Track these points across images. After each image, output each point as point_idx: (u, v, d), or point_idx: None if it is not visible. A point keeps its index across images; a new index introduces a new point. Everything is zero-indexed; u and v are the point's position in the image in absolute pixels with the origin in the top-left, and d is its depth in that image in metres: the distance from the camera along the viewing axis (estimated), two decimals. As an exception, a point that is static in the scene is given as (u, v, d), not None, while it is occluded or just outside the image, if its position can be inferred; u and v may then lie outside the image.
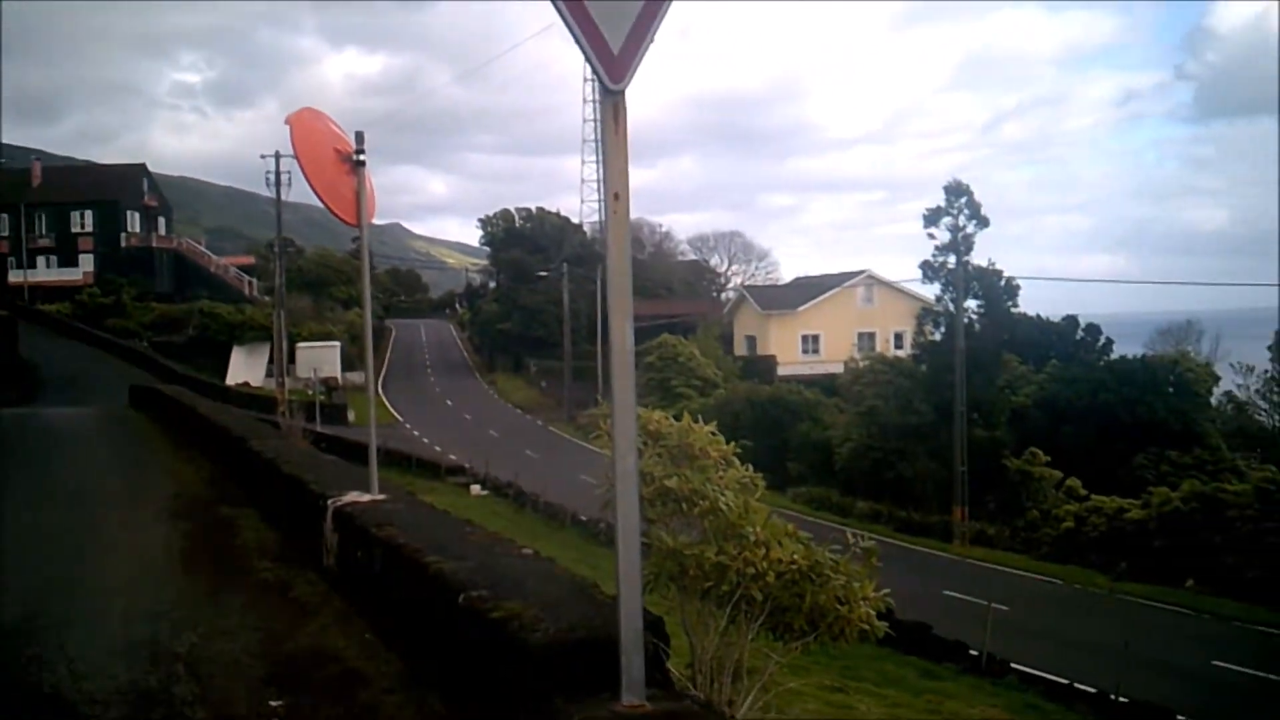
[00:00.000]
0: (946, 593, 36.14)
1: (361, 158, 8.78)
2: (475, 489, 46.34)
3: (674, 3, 4.67)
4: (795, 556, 7.29)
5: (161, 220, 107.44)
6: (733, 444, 8.25)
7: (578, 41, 4.49)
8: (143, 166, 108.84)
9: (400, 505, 8.01)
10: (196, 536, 10.26)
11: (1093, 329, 67.07)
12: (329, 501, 8.11)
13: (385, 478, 8.90)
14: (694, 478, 7.50)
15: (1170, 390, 55.25)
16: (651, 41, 4.60)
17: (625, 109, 4.54)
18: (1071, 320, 68.13)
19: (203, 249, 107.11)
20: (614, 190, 4.49)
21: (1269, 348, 61.17)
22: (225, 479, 13.41)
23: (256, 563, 8.71)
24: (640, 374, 69.33)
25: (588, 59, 4.49)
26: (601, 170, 4.43)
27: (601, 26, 4.48)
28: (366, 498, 8.21)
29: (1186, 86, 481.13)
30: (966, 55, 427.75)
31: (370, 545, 6.91)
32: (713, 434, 8.13)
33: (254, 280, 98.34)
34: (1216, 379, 61.76)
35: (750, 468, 8.11)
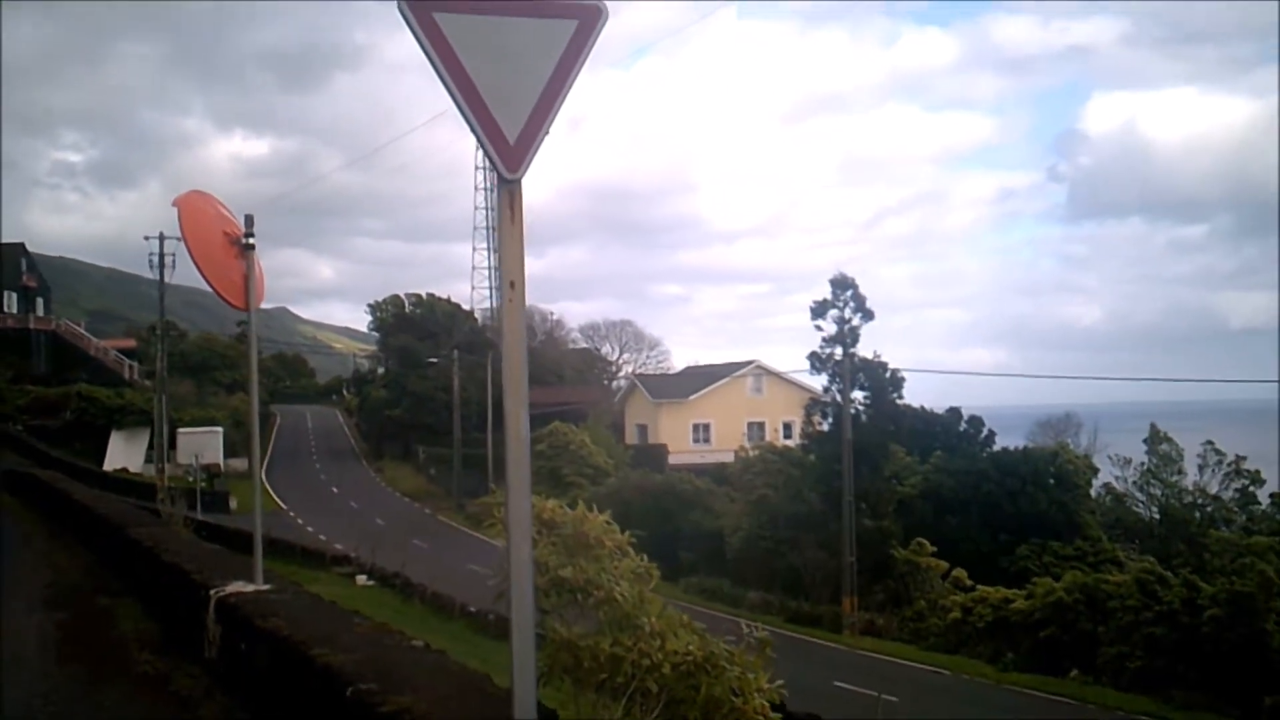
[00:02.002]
0: (837, 684, 36.11)
1: (251, 241, 8.69)
2: (361, 579, 45.36)
3: (568, 94, 4.77)
4: (691, 648, 7.25)
5: (40, 301, 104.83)
6: (627, 534, 8.21)
7: (474, 131, 4.54)
8: (21, 246, 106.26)
9: (286, 595, 7.84)
10: (73, 627, 9.92)
11: (975, 421, 68.36)
12: (212, 592, 7.90)
13: (269, 567, 8.70)
14: (589, 568, 7.45)
15: (1051, 482, 56.48)
16: (547, 133, 4.65)
17: (521, 198, 4.57)
18: (955, 412, 69.37)
19: (82, 331, 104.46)
20: (510, 279, 4.50)
21: (1144, 440, 62.80)
22: (104, 567, 13.01)
23: (136, 654, 8.43)
24: (531, 462, 69.05)
25: (484, 148, 4.53)
26: (497, 258, 4.44)
27: (497, 116, 4.53)
28: (251, 588, 8.02)
29: (1060, 187, 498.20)
30: (848, 154, 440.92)
31: (255, 637, 6.74)
32: (607, 523, 8.10)
33: (135, 364, 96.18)
34: (1095, 471, 63.23)
35: (644, 557, 8.08)
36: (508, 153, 4.52)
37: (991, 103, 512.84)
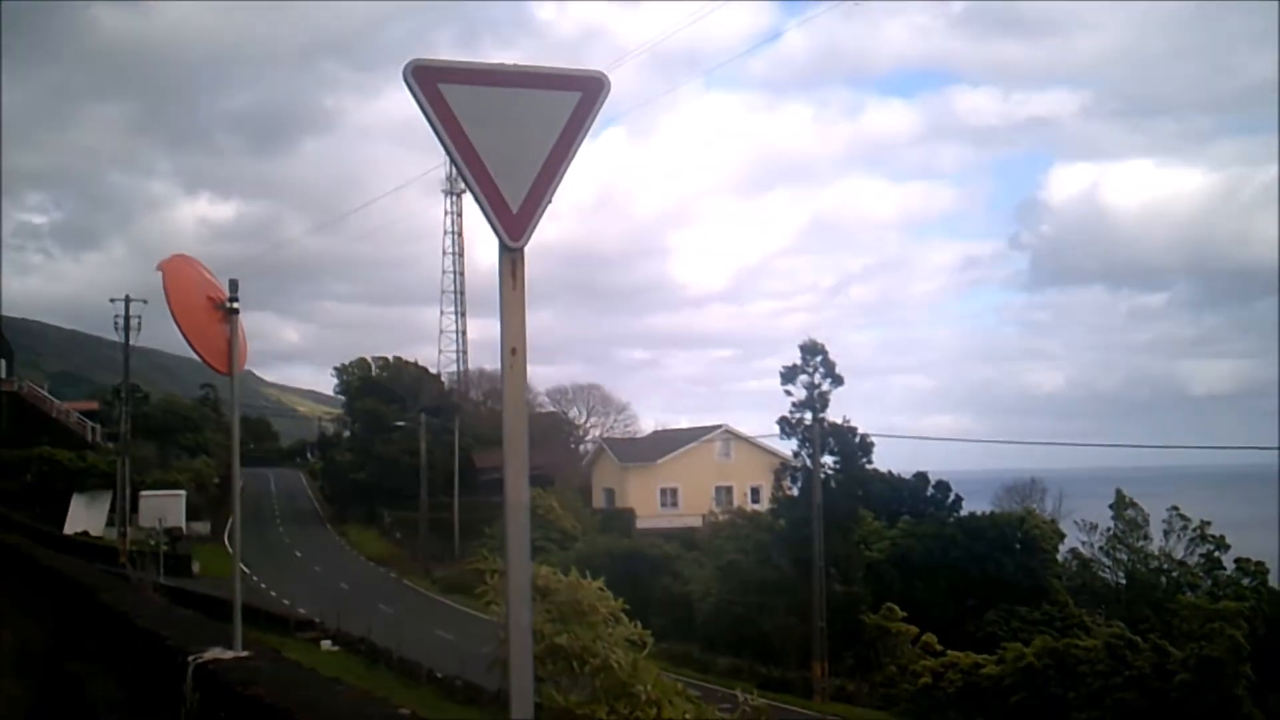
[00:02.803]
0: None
1: (235, 305, 8.68)
2: (326, 644, 44.94)
3: (571, 164, 4.83)
4: (687, 716, 7.21)
5: (3, 363, 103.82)
6: (619, 600, 8.19)
7: (477, 199, 4.60)
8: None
9: (265, 662, 7.73)
10: (41, 693, 9.74)
11: (942, 486, 68.56)
12: (190, 658, 7.78)
13: (222, 635, 8.56)
14: (584, 635, 7.41)
15: (1018, 547, 56.65)
16: (549, 202, 4.71)
17: (523, 266, 4.61)
18: (922, 477, 69.58)
19: (44, 393, 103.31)
20: (511, 345, 4.54)
21: (1110, 506, 63.10)
22: (71, 633, 12.80)
23: (108, 723, 8.29)
24: (499, 525, 68.54)
25: (487, 217, 4.58)
26: (500, 325, 4.48)
27: (501, 186, 4.59)
28: (229, 654, 7.89)
29: (1022, 255, 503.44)
30: (814, 221, 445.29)
31: (236, 704, 6.63)
32: (600, 590, 8.07)
33: (97, 426, 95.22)
34: (1062, 536, 63.40)
35: (638, 624, 8.05)
36: (511, 221, 4.57)
37: (954, 172, 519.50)
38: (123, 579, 24.92)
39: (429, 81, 4.53)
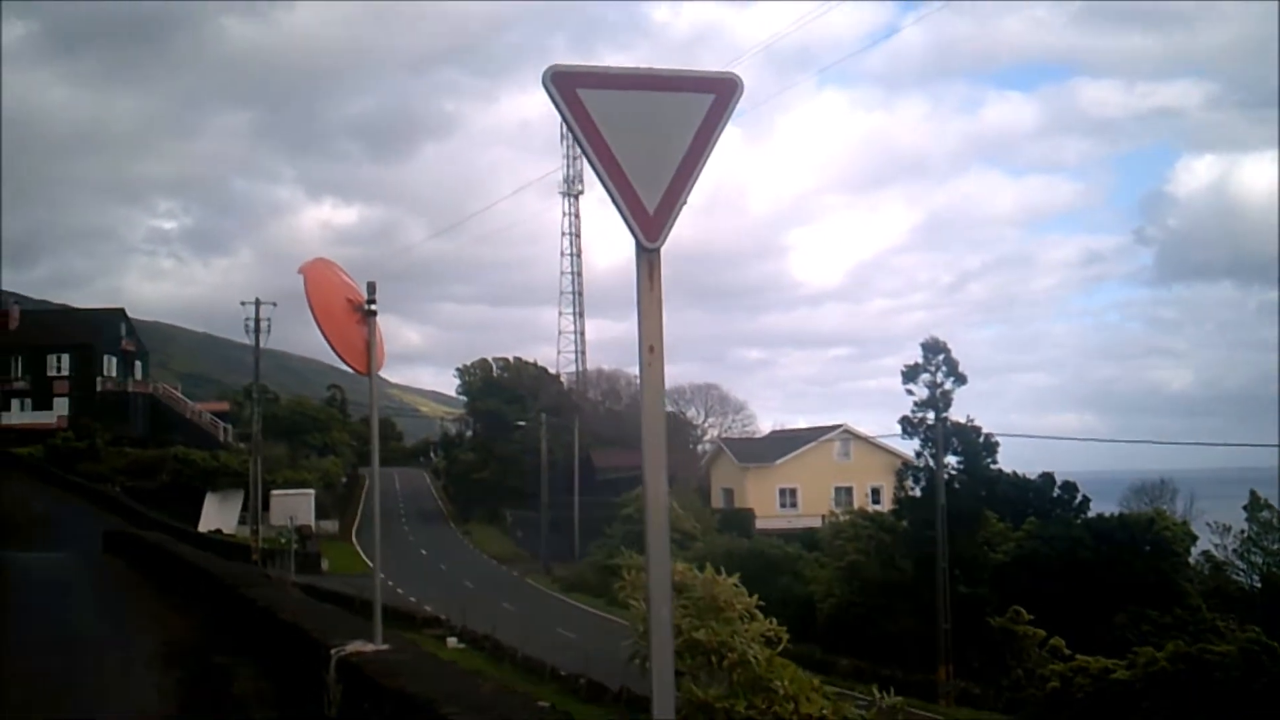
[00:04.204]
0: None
1: (373, 307, 8.93)
2: (451, 641, 45.57)
3: (706, 165, 4.91)
4: (825, 711, 7.25)
5: (138, 365, 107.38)
6: (754, 596, 8.24)
7: (614, 201, 4.68)
8: (121, 312, 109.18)
9: (406, 656, 7.94)
10: (191, 685, 10.09)
11: (1069, 486, 67.08)
12: (333, 651, 8.03)
13: (361, 629, 8.80)
14: (721, 630, 7.49)
15: (1148, 549, 55.19)
16: (685, 203, 4.79)
17: (660, 266, 4.69)
18: (1048, 478, 68.15)
19: (178, 394, 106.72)
20: (649, 344, 4.61)
21: (1244, 507, 61.25)
22: (215, 626, 13.22)
23: (255, 713, 8.58)
24: (619, 525, 69.07)
25: (624, 219, 4.66)
26: (637, 325, 4.56)
27: (637, 187, 4.67)
28: (370, 647, 8.13)
29: (1147, 250, 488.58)
30: (931, 217, 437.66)
31: (380, 696, 6.83)
32: (736, 586, 8.13)
33: (228, 426, 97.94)
34: (1194, 538, 61.65)
35: (774, 621, 8.10)
36: (647, 222, 4.65)
37: (1075, 166, 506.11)
38: (264, 576, 25.61)
39: (567, 86, 4.63)
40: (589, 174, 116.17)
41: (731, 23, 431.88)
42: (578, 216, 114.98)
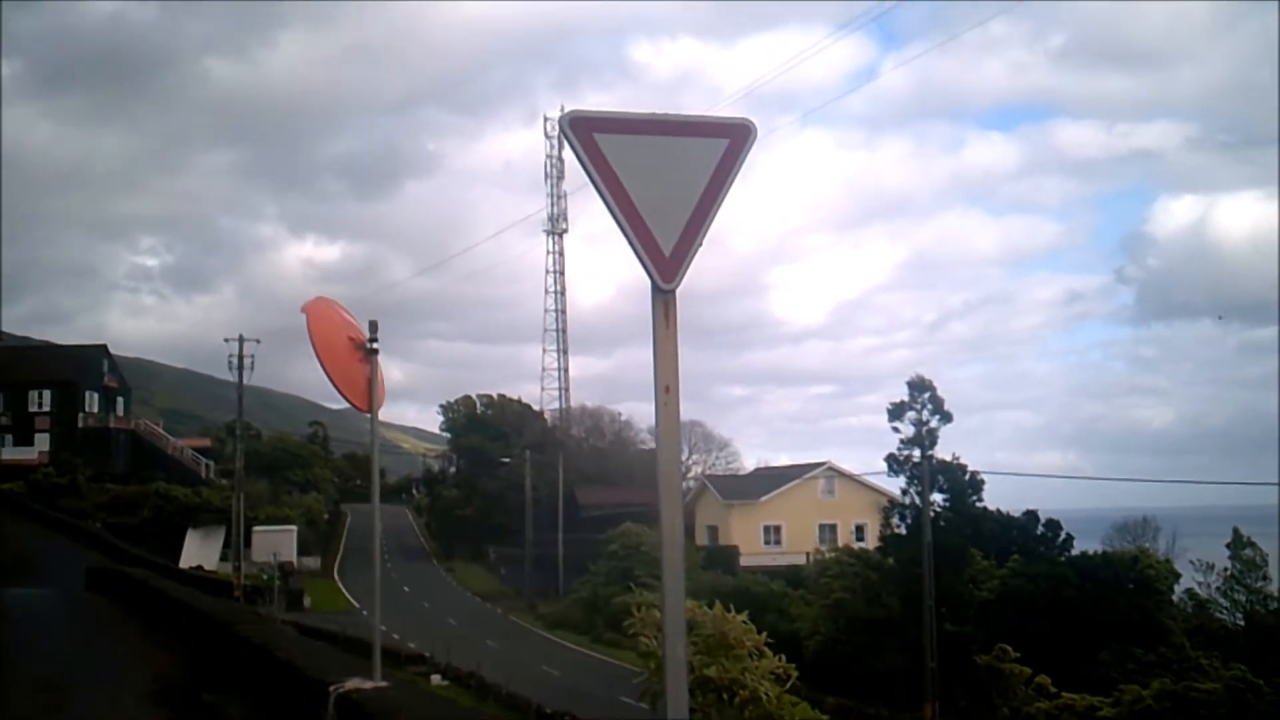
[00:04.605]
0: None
1: (375, 346, 8.99)
2: (436, 678, 45.27)
3: (721, 207, 4.98)
4: (835, 748, 7.29)
5: (120, 401, 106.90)
6: (763, 634, 8.28)
7: (631, 243, 4.75)
8: (103, 348, 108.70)
9: (404, 692, 7.95)
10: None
11: (1053, 524, 67.15)
12: (331, 688, 8.01)
13: (353, 665, 8.78)
14: (732, 667, 7.50)
15: (1132, 587, 55.27)
16: (700, 244, 4.86)
17: (675, 307, 4.75)
18: (1032, 515, 68.23)
19: (160, 430, 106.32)
20: (664, 383, 4.67)
21: (1227, 545, 61.46)
22: (202, 664, 13.15)
23: (252, 751, 8.54)
24: (603, 562, 68.94)
25: (641, 260, 4.73)
26: (653, 364, 4.62)
27: (654, 230, 4.74)
28: (369, 684, 8.13)
29: (1128, 289, 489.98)
30: (913, 256, 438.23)
31: (383, 734, 6.83)
32: (744, 623, 8.16)
33: (210, 462, 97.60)
34: (1177, 576, 61.76)
35: (783, 658, 8.14)
36: (663, 264, 4.72)
37: (1057, 206, 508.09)
38: (254, 613, 25.47)
39: (584, 131, 4.71)
40: (574, 212, 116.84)
41: (713, 65, 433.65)
42: (562, 254, 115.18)
